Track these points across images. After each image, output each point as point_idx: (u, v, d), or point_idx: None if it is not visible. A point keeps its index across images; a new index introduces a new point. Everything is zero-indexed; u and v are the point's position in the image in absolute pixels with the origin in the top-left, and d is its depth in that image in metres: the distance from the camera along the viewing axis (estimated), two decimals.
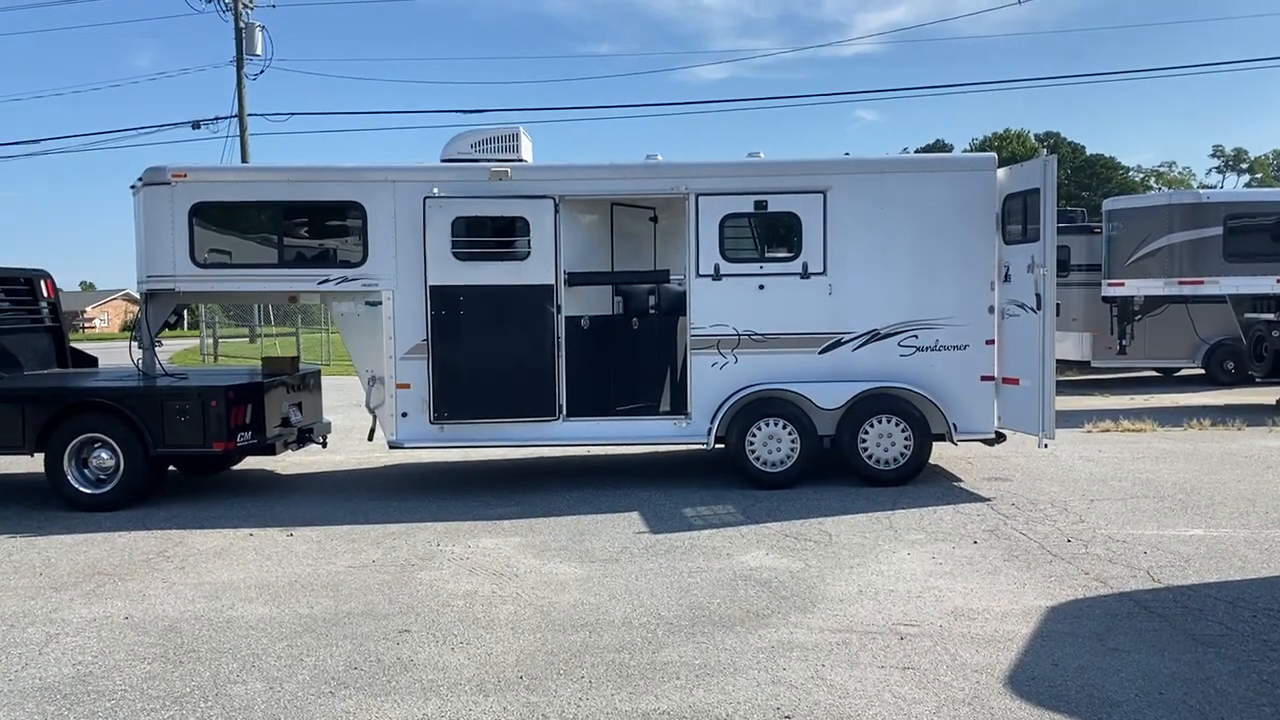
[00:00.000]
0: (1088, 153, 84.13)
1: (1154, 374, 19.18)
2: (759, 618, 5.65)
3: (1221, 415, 13.41)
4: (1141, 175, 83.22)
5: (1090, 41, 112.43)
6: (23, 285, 11.02)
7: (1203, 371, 17.64)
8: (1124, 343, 16.71)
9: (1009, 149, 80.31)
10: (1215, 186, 77.78)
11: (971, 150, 79.86)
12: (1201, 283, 15.03)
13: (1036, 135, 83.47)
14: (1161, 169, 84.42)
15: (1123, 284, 15.99)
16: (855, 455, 9.21)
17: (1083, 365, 18.40)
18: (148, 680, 4.93)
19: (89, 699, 4.71)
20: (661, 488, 9.38)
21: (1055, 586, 6.12)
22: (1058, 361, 18.44)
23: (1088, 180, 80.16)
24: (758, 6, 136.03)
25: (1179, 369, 18.67)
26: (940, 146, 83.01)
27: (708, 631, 5.45)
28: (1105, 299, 16.82)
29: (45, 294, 11.17)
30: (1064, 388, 17.61)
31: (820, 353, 9.29)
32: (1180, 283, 15.18)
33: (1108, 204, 16.69)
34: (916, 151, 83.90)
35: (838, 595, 6.04)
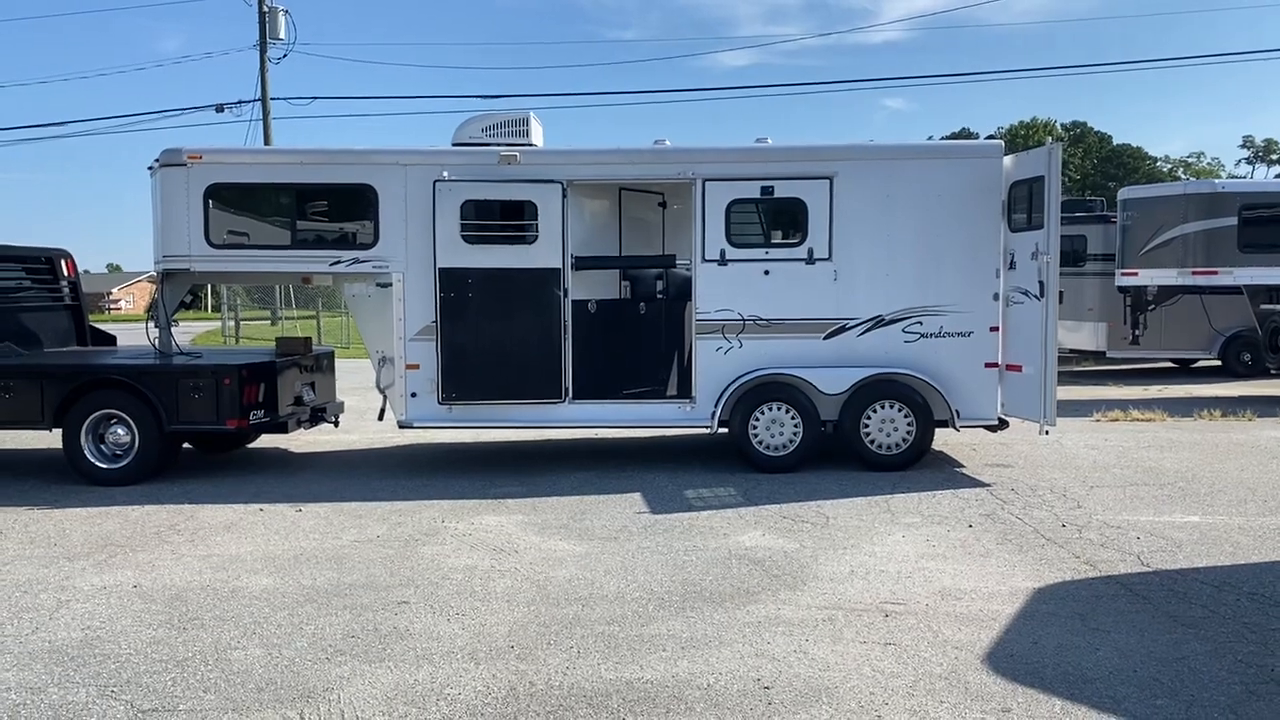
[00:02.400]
0: (1115, 142, 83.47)
1: (1170, 365, 19.12)
2: (749, 594, 5.77)
3: (1233, 406, 13.37)
4: (1169, 166, 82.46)
5: (1120, 30, 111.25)
6: (43, 265, 11.24)
7: (1219, 363, 17.58)
8: (1137, 333, 16.65)
9: (1035, 138, 79.69)
10: (1245, 177, 76.92)
11: (997, 139, 79.40)
12: (1215, 273, 14.96)
13: (1063, 124, 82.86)
14: (1190, 159, 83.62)
15: (1136, 274, 15.93)
16: (858, 440, 9.29)
17: (1098, 355, 18.36)
18: (152, 645, 5.10)
19: (95, 661, 4.88)
20: (665, 470, 9.49)
21: (1044, 569, 6.19)
22: (1074, 352, 18.57)
23: (1114, 170, 79.49)
24: None
25: (1195, 360, 18.59)
26: (965, 135, 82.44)
27: (697, 607, 5.56)
28: (1120, 289, 16.77)
29: (65, 273, 11.37)
30: (1078, 378, 17.64)
31: (824, 338, 9.36)
32: (1194, 273, 15.11)
33: (1122, 193, 16.61)
34: (941, 140, 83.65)
35: (829, 574, 6.15)
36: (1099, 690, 4.35)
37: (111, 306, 75.02)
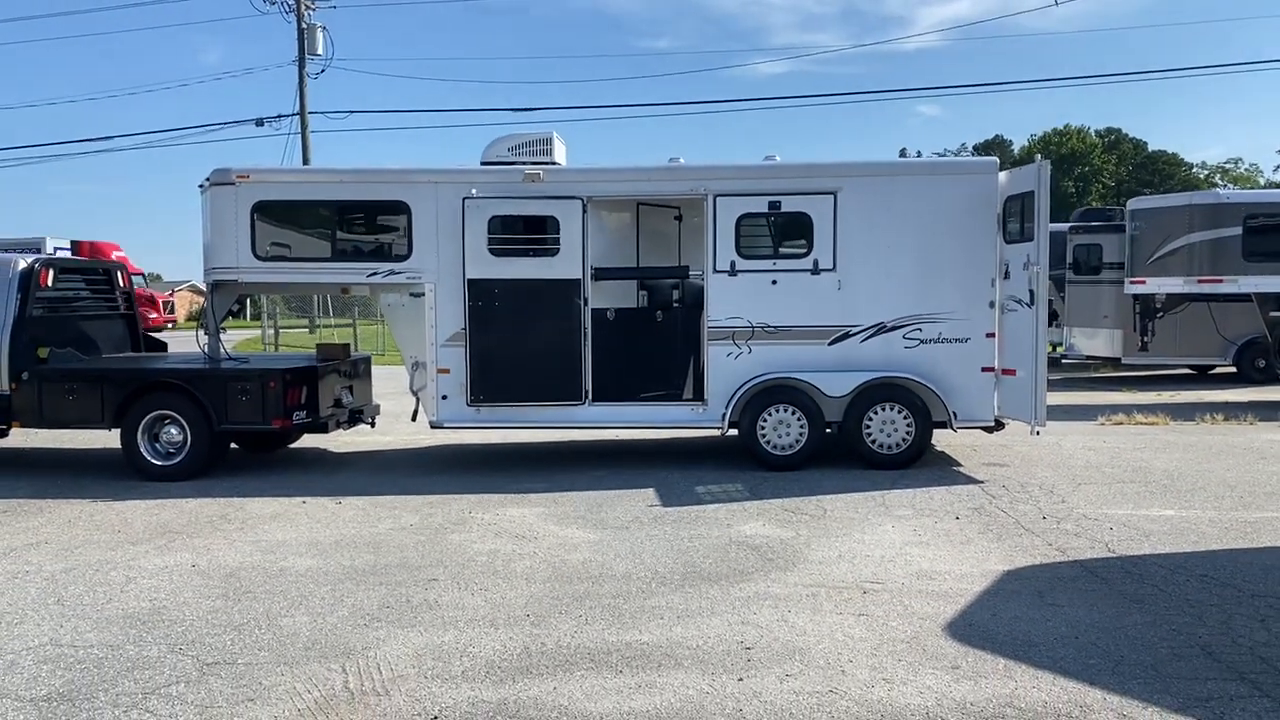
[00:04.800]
0: (1150, 149, 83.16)
1: (1188, 371, 19.44)
2: (743, 575, 6.38)
3: (1238, 410, 13.76)
4: (1206, 172, 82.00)
5: (1157, 36, 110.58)
6: (101, 275, 12.04)
7: (1234, 369, 17.91)
8: (1146, 339, 17.05)
9: (1069, 145, 79.67)
10: None
11: (1030, 147, 79.49)
12: (1221, 281, 15.35)
13: (1097, 130, 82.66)
14: (1227, 165, 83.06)
15: (1144, 282, 16.35)
16: (860, 440, 9.86)
17: (1114, 362, 18.76)
18: (211, 613, 5.79)
19: (164, 625, 5.58)
20: (679, 468, 10.11)
21: (1018, 555, 6.75)
22: (1090, 358, 18.94)
23: (1149, 177, 79.18)
24: (819, 1, 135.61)
25: (1212, 366, 18.90)
26: (999, 142, 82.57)
27: (695, 584, 6.18)
28: (1134, 297, 17.18)
29: (120, 284, 12.16)
30: (1095, 383, 18.05)
31: (829, 344, 9.94)
32: (1200, 281, 15.51)
33: (1131, 204, 17.05)
34: (975, 148, 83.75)
35: (818, 558, 6.74)
36: (1041, 652, 4.93)
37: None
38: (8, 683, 4.79)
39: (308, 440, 11.87)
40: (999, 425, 10.09)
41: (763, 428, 9.90)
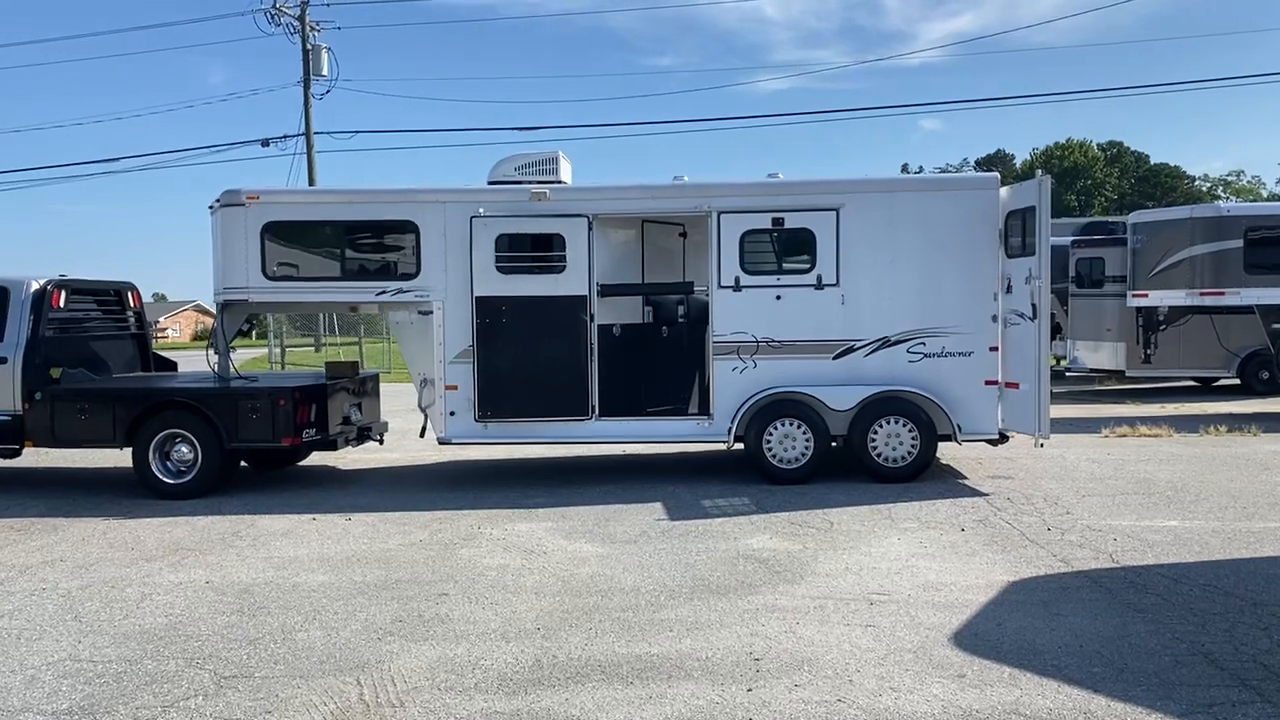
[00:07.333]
0: (1152, 161, 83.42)
1: (1193, 383, 19.50)
2: (751, 587, 6.45)
3: (1242, 422, 13.82)
4: (1209, 185, 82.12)
5: (1159, 50, 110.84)
6: (112, 296, 12.16)
7: (1238, 381, 17.98)
8: (1149, 352, 17.14)
9: (1071, 159, 79.97)
10: None
11: (1032, 160, 79.81)
12: (1223, 294, 15.42)
13: (1099, 144, 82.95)
14: (1230, 178, 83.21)
15: (1146, 295, 16.43)
16: (865, 454, 9.93)
17: (1119, 375, 18.81)
18: (227, 628, 5.87)
19: (180, 640, 5.66)
20: (685, 482, 10.19)
21: (1023, 566, 6.82)
22: (1094, 371, 19.00)
23: (1151, 190, 79.38)
24: (820, 18, 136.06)
25: (1216, 379, 18.95)
26: (1001, 156, 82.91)
27: (704, 597, 6.26)
28: (1137, 309, 17.26)
29: (131, 304, 12.28)
30: (1099, 396, 18.12)
31: (833, 358, 10.03)
32: (1202, 294, 15.57)
33: (1132, 217, 17.16)
34: (977, 162, 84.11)
35: (825, 571, 6.81)
36: (1045, 660, 5.00)
37: (158, 335, 76.93)
38: (29, 697, 4.88)
39: (316, 457, 11.96)
40: (1003, 438, 10.16)
41: (768, 442, 9.97)
